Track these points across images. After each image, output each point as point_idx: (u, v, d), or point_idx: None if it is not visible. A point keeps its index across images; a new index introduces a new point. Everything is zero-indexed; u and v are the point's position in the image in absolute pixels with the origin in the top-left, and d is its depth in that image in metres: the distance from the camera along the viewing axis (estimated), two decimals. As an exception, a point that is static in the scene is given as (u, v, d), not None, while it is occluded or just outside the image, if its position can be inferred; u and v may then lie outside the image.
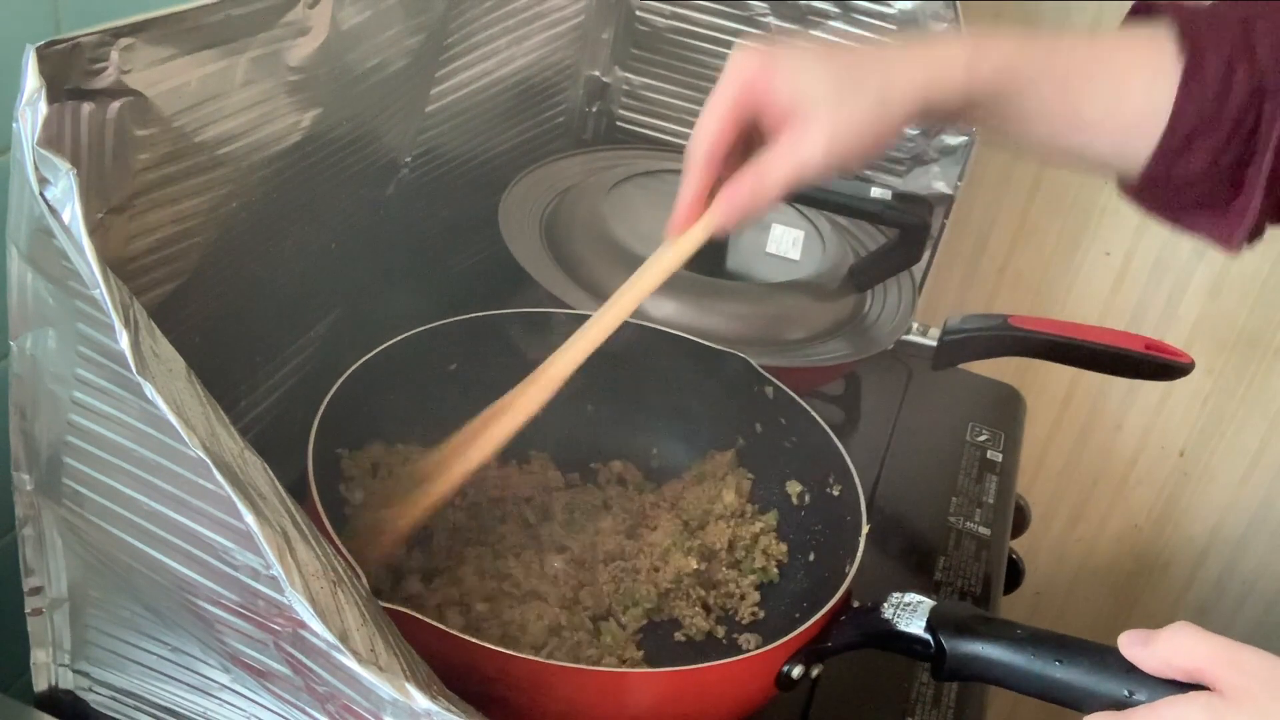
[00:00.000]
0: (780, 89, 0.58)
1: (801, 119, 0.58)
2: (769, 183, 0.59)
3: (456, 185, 0.93)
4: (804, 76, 0.59)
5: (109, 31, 0.47)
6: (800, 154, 0.59)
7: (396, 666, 0.45)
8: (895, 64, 0.60)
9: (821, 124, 0.58)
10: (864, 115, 0.59)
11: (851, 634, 0.60)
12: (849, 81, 0.59)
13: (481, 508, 0.73)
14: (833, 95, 0.58)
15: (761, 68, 0.59)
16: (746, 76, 0.59)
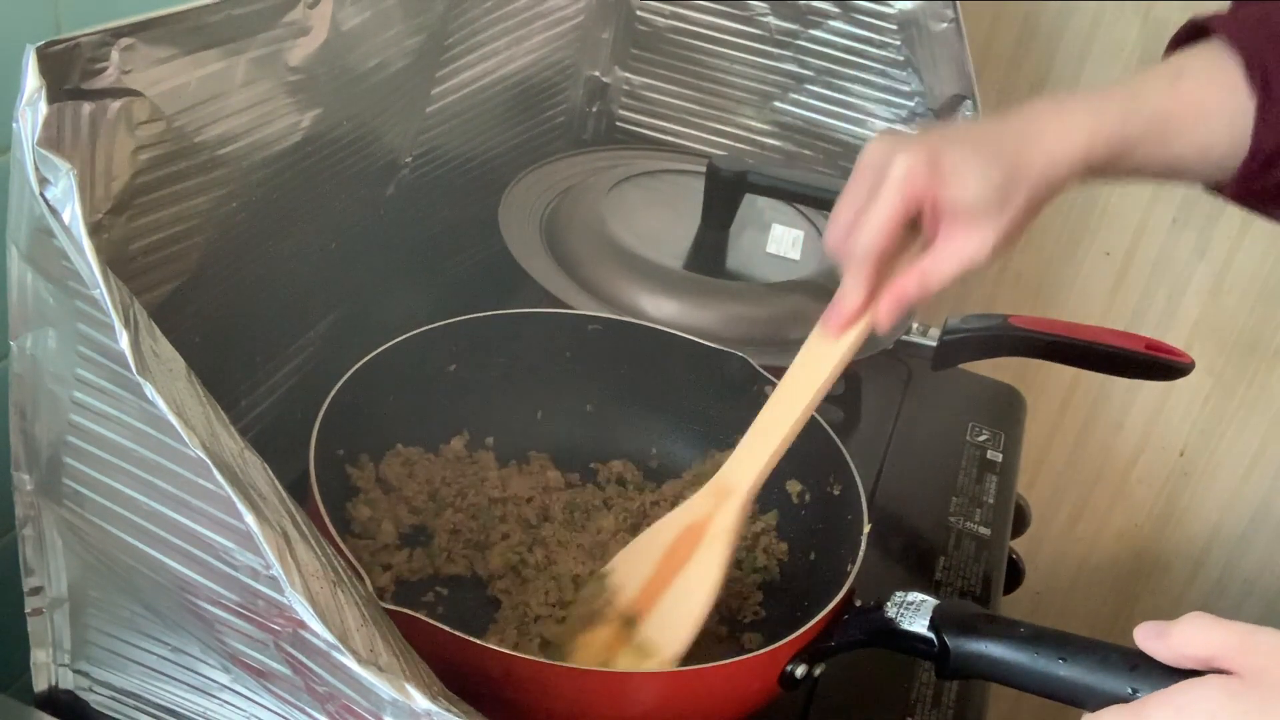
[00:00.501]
0: (948, 196, 0.61)
1: (967, 221, 0.61)
2: (934, 280, 0.62)
3: (456, 185, 0.93)
4: (968, 180, 0.61)
5: (109, 31, 0.47)
6: (968, 253, 0.61)
7: (396, 667, 0.45)
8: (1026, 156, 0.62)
9: (990, 227, 0.61)
10: (1023, 209, 0.62)
11: (854, 633, 0.60)
12: (1010, 181, 0.61)
13: (481, 508, 0.73)
14: (997, 198, 0.61)
15: (930, 173, 0.60)
16: (917, 186, 0.61)
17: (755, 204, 0.98)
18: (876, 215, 0.61)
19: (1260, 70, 0.64)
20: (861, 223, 0.62)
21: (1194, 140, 0.65)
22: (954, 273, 0.62)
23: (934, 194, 0.61)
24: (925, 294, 0.62)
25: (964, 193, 0.61)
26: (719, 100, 1.10)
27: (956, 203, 0.61)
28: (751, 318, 0.88)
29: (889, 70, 1.03)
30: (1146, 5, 1.17)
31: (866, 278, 0.62)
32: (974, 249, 0.61)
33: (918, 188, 0.61)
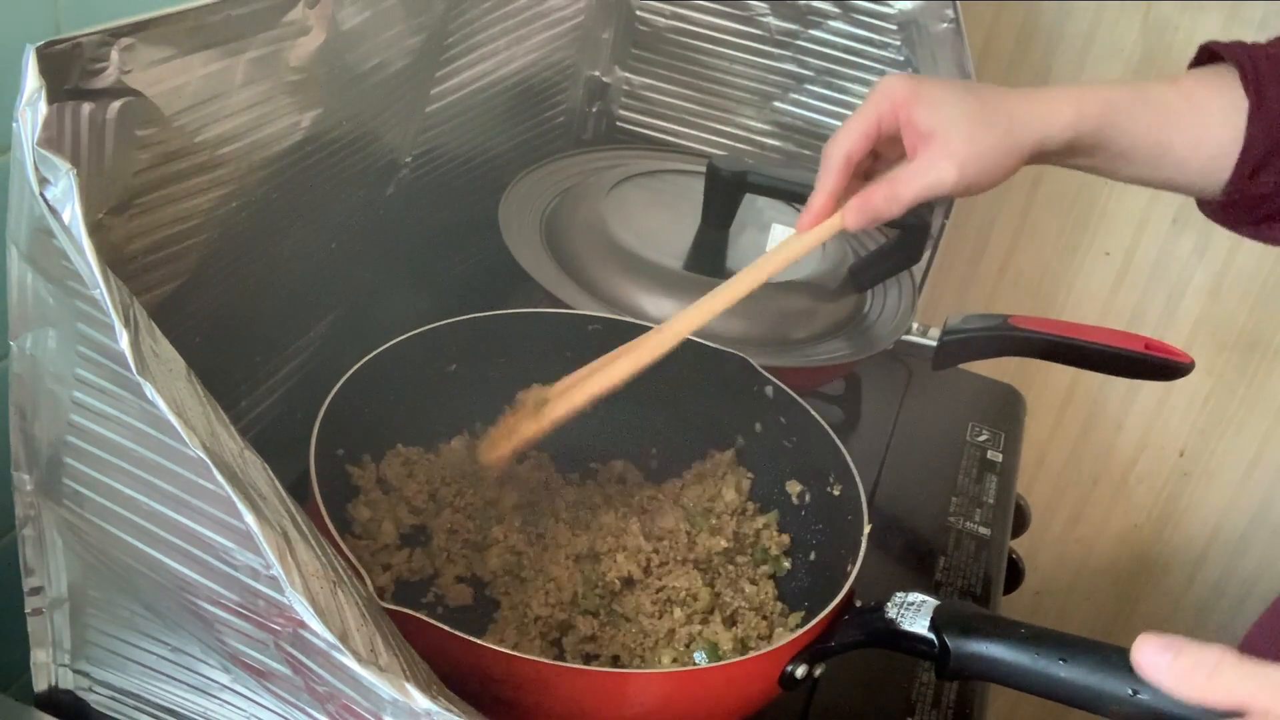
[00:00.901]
0: (922, 114, 0.65)
1: (939, 143, 0.65)
2: (901, 194, 0.66)
3: (456, 185, 0.93)
4: (944, 107, 0.65)
5: (109, 31, 0.47)
6: (934, 174, 0.65)
7: (396, 666, 0.45)
8: (1019, 104, 0.66)
9: (956, 150, 0.64)
10: (993, 146, 0.65)
11: (855, 633, 0.60)
12: (981, 116, 0.65)
13: (479, 509, 0.73)
14: (967, 126, 0.65)
15: (909, 92, 0.65)
16: (895, 98, 0.66)
17: (755, 204, 0.98)
18: (850, 121, 0.67)
19: (1254, 76, 0.67)
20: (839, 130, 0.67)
21: (1186, 129, 0.68)
22: (920, 190, 0.65)
23: (909, 113, 0.65)
24: (893, 205, 0.66)
25: (935, 114, 0.65)
26: (719, 100, 1.10)
27: (929, 123, 0.65)
28: (751, 318, 0.88)
29: (889, 70, 1.03)
30: (1146, 5, 1.17)
31: (832, 174, 0.67)
32: (941, 170, 0.65)
33: (894, 101, 0.65)
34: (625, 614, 0.68)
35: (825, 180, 0.68)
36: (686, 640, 0.67)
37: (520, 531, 0.72)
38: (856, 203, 0.67)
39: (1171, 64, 1.19)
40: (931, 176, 0.65)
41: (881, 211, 0.66)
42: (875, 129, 0.67)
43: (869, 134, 0.67)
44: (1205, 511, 1.39)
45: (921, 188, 0.65)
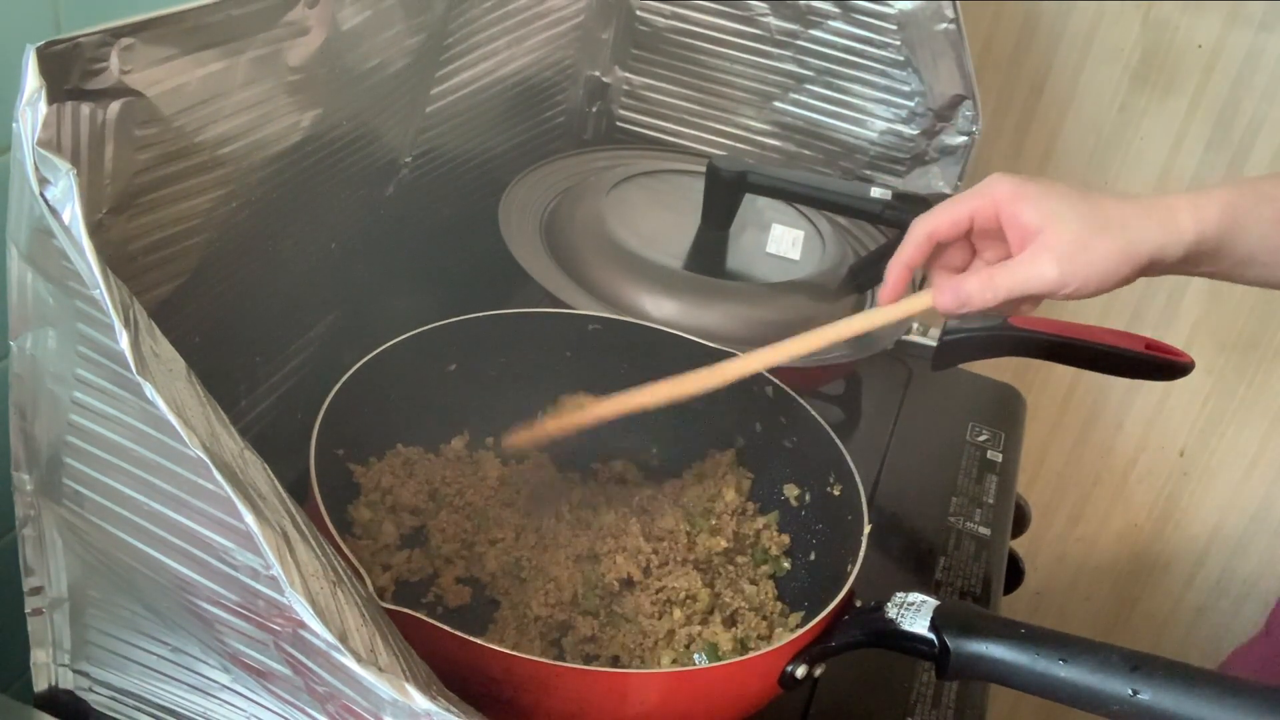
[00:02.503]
0: (1028, 211, 0.63)
1: (1044, 240, 0.62)
2: (998, 284, 0.64)
3: (456, 185, 0.93)
4: (1053, 206, 0.63)
5: (109, 31, 0.47)
6: (1034, 269, 0.63)
7: (396, 667, 0.45)
8: (1133, 214, 0.63)
9: (1062, 249, 0.62)
10: (1104, 254, 0.62)
11: (855, 633, 0.60)
12: (1094, 220, 0.63)
13: (477, 509, 0.72)
14: (1077, 228, 0.62)
15: (1013, 190, 0.64)
16: (997, 194, 0.64)
17: (755, 204, 0.98)
18: (945, 203, 0.66)
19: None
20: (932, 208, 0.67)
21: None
22: (1018, 283, 0.63)
23: (1013, 209, 0.63)
24: (986, 293, 0.64)
25: (1042, 212, 0.63)
26: (719, 100, 1.10)
27: (1035, 220, 0.63)
28: (751, 318, 0.88)
29: (889, 70, 1.03)
30: (1146, 5, 1.17)
31: (909, 247, 0.67)
32: (1042, 268, 0.62)
33: (996, 198, 0.64)
34: (625, 614, 0.68)
35: (903, 251, 0.68)
36: (686, 641, 0.67)
37: (520, 532, 0.72)
38: (951, 284, 0.65)
39: (1171, 64, 1.19)
40: (1031, 271, 0.63)
41: (974, 297, 0.64)
42: (967, 219, 0.66)
43: (958, 221, 0.66)
44: (1205, 511, 1.39)
45: (1019, 281, 0.63)
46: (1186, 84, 1.19)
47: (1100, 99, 1.22)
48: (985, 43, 1.22)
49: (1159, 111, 1.21)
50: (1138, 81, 1.21)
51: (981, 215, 0.65)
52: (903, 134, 1.05)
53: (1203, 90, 1.19)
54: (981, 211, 0.65)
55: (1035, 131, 1.26)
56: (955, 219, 0.66)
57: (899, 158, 1.06)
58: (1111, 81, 1.21)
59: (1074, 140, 1.25)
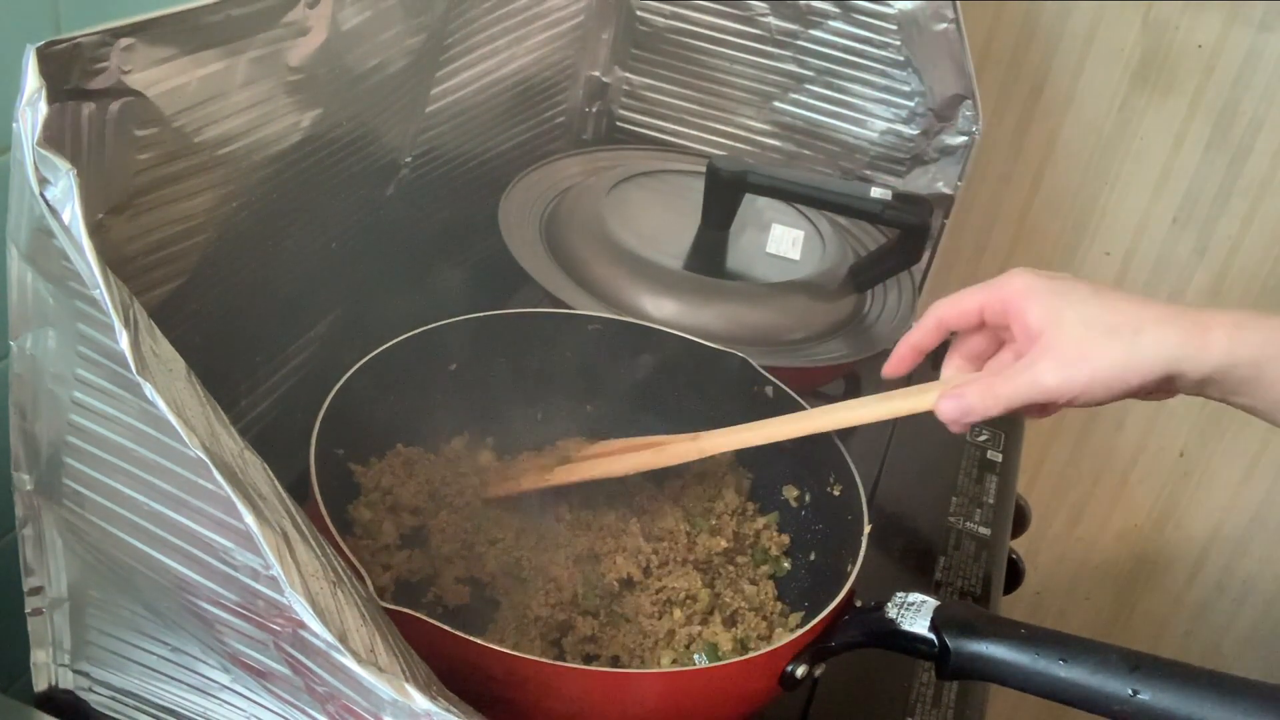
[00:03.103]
0: (1033, 310, 0.61)
1: (1044, 345, 0.60)
2: (998, 393, 0.61)
3: (456, 185, 0.93)
4: (1061, 307, 0.60)
5: (109, 31, 0.47)
6: (1032, 379, 0.60)
7: (396, 667, 0.45)
8: (1153, 321, 0.59)
9: (1063, 354, 0.59)
10: (1110, 362, 0.59)
11: (855, 634, 0.60)
12: (1102, 323, 0.59)
13: (476, 510, 0.72)
14: (1080, 331, 0.59)
15: (1024, 286, 0.62)
16: (1007, 289, 0.63)
17: (755, 204, 0.98)
18: (961, 292, 0.65)
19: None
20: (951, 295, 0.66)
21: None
22: (1015, 394, 0.60)
23: (1019, 306, 0.61)
24: (987, 401, 0.61)
25: (1047, 313, 0.60)
26: (719, 100, 1.10)
27: (1038, 321, 0.60)
28: (751, 318, 0.88)
29: (889, 70, 1.03)
30: (1146, 5, 1.17)
31: (919, 329, 0.67)
32: (1040, 375, 0.59)
33: (1005, 293, 0.62)
34: (625, 614, 0.68)
35: (913, 333, 0.67)
36: (686, 641, 0.67)
37: (520, 532, 0.72)
38: (952, 393, 0.63)
39: (1171, 64, 1.19)
40: (1028, 378, 0.60)
41: (975, 408, 0.62)
42: (976, 313, 0.64)
43: (968, 312, 0.65)
44: (1205, 511, 1.39)
45: (1018, 389, 0.60)
46: (1186, 84, 1.19)
47: (1100, 99, 1.22)
48: (985, 43, 1.22)
49: (1159, 111, 1.21)
50: (1138, 81, 1.21)
51: (990, 310, 0.64)
52: (903, 134, 1.05)
53: (1203, 90, 1.19)
54: (990, 306, 0.63)
55: (1035, 131, 1.26)
56: (964, 311, 0.65)
57: (899, 158, 1.06)
58: (1111, 81, 1.21)
59: (1074, 140, 1.25)
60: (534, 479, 0.73)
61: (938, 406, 0.63)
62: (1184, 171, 1.23)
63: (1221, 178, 1.22)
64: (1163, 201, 1.25)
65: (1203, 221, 1.24)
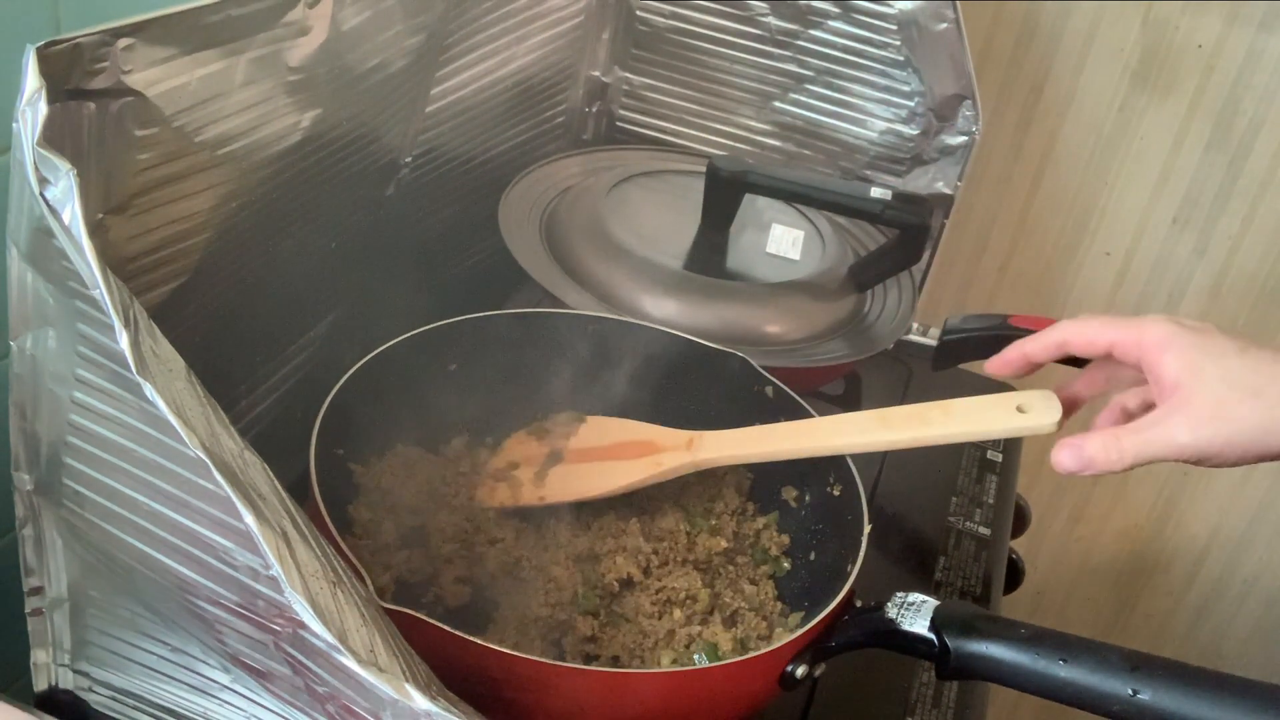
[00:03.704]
0: (1170, 363, 0.57)
1: (1180, 401, 0.57)
2: (1124, 448, 0.58)
3: (456, 185, 0.93)
4: (1200, 361, 0.57)
5: (109, 31, 0.47)
6: (1165, 435, 0.57)
7: (396, 667, 0.45)
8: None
9: (1198, 413, 0.56)
10: (1251, 423, 0.56)
11: (855, 633, 0.60)
12: (1245, 383, 0.56)
13: (476, 510, 0.72)
14: (1221, 390, 0.56)
15: (1163, 335, 0.58)
16: (1146, 335, 0.59)
17: (755, 204, 0.98)
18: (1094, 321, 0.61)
19: None
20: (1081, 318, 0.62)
21: None
22: (1144, 447, 0.57)
23: (1155, 357, 0.58)
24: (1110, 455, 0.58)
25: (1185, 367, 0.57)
26: (719, 100, 1.10)
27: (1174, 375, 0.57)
28: (751, 318, 0.88)
29: (889, 70, 1.03)
30: (1146, 5, 1.17)
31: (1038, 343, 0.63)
32: (1173, 433, 0.56)
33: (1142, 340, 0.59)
34: (625, 614, 0.68)
35: (1030, 342, 0.64)
36: (686, 641, 0.67)
37: (520, 532, 0.72)
38: (1073, 443, 0.59)
39: (1171, 64, 1.19)
40: (1161, 435, 0.57)
41: (1097, 459, 0.58)
42: (1105, 348, 0.60)
43: (1094, 344, 0.61)
44: (1205, 511, 1.39)
45: (1145, 444, 0.57)
46: (1186, 84, 1.19)
47: (1100, 99, 1.22)
48: (985, 43, 1.22)
49: (1159, 111, 1.21)
50: (1138, 81, 1.21)
51: (1122, 350, 0.60)
52: (903, 134, 1.05)
53: (1203, 90, 1.19)
54: (1122, 346, 0.60)
55: (1035, 131, 1.26)
56: (1092, 341, 0.61)
57: (899, 158, 1.06)
58: (1111, 81, 1.21)
59: (1074, 140, 1.25)
60: (530, 494, 0.72)
61: (1055, 457, 0.60)
62: (1184, 171, 1.23)
63: (1221, 178, 1.22)
64: (1163, 201, 1.25)
65: (1203, 221, 1.24)
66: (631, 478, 0.71)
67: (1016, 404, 0.64)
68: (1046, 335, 0.63)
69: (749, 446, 0.71)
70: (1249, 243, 1.24)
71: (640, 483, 0.71)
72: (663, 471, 0.70)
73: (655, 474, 0.70)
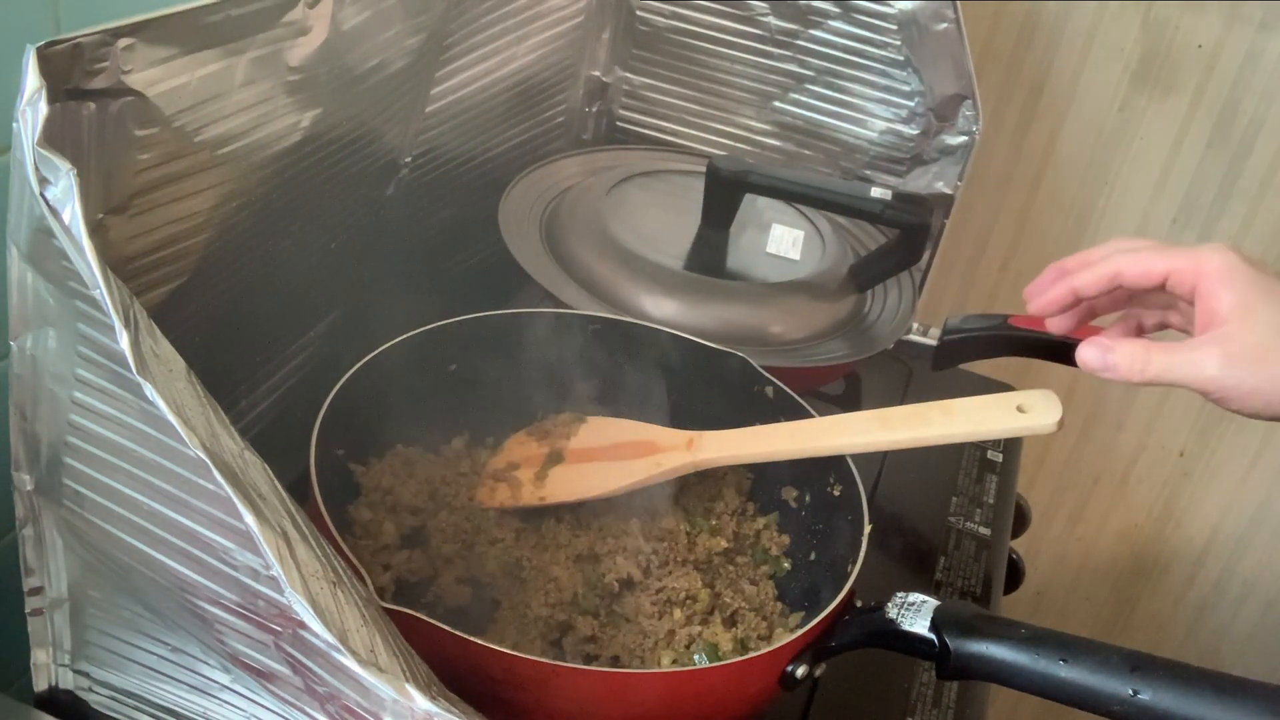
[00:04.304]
0: (1225, 295, 0.56)
1: (1224, 335, 0.55)
2: (1147, 364, 0.57)
3: (456, 185, 0.93)
4: (1257, 301, 0.55)
5: (109, 31, 0.47)
6: (1195, 360, 0.56)
7: (396, 667, 0.45)
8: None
9: (1235, 350, 0.55)
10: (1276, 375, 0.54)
11: (855, 634, 0.60)
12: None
13: (476, 510, 0.72)
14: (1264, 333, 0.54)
15: (1226, 266, 0.56)
16: (1205, 264, 0.57)
17: (755, 204, 0.98)
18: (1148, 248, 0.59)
19: None
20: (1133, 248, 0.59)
21: None
22: (1165, 372, 0.56)
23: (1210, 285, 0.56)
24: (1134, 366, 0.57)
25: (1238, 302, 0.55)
26: (719, 100, 1.10)
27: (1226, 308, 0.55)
28: (751, 318, 0.88)
29: (889, 70, 1.03)
30: (1146, 5, 1.17)
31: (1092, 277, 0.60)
32: (1202, 363, 0.55)
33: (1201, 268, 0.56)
34: (625, 614, 0.68)
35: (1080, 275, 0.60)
36: (686, 641, 0.67)
37: (520, 532, 0.72)
38: (1100, 344, 0.58)
39: (1171, 64, 1.19)
40: (1191, 360, 0.55)
41: (1120, 367, 0.57)
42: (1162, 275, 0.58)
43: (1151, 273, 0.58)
44: (1205, 511, 1.39)
45: (1171, 365, 0.56)
46: (1186, 84, 1.19)
47: (1100, 99, 1.22)
48: (985, 43, 1.22)
49: (1159, 111, 1.21)
50: (1138, 81, 1.21)
51: (1178, 279, 0.58)
52: (903, 134, 1.05)
53: (1203, 90, 1.19)
54: (1179, 275, 0.58)
55: (1035, 131, 1.26)
56: (1148, 271, 0.58)
57: (899, 158, 1.06)
58: (1111, 81, 1.21)
59: (1074, 140, 1.25)
60: (530, 494, 0.72)
61: (1079, 352, 0.58)
62: (1184, 171, 1.23)
63: (1221, 178, 1.22)
64: (1163, 201, 1.25)
65: (1203, 221, 1.24)
66: (631, 478, 0.71)
67: (1017, 404, 0.64)
68: (1099, 268, 0.60)
69: (749, 446, 0.71)
70: (1249, 243, 1.24)
71: (640, 483, 0.71)
72: (663, 472, 0.70)
73: (655, 474, 0.70)
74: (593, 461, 0.73)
